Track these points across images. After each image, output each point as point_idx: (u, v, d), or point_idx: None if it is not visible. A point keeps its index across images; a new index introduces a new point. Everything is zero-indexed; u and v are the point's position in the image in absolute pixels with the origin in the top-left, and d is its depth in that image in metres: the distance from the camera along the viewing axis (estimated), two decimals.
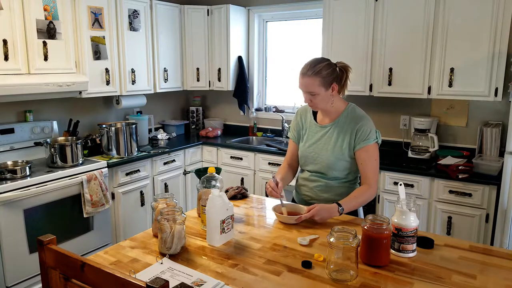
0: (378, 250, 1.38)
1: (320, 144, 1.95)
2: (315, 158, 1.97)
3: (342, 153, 1.90)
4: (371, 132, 1.87)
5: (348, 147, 1.89)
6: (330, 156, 1.91)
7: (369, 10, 3.19)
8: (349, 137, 1.89)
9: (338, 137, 1.91)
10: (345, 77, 1.93)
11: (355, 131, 1.88)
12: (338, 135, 1.91)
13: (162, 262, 1.40)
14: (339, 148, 1.90)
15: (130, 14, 3.46)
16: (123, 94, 3.51)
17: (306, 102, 1.89)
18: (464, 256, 1.47)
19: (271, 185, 1.89)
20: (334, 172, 1.93)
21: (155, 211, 1.63)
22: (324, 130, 1.96)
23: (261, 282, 1.30)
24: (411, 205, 1.47)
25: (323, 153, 1.93)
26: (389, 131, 3.61)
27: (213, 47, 4.13)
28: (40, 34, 2.80)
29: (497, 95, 2.82)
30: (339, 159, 1.90)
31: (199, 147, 4.03)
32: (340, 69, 1.90)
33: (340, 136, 1.91)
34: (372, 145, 1.87)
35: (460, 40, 2.88)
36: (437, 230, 2.89)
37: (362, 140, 1.86)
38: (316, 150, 1.96)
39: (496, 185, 2.64)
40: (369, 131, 1.87)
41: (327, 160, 1.92)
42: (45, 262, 1.08)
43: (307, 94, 1.85)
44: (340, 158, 1.90)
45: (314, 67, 1.81)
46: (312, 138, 1.99)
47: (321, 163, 1.95)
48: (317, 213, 1.74)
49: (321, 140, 1.95)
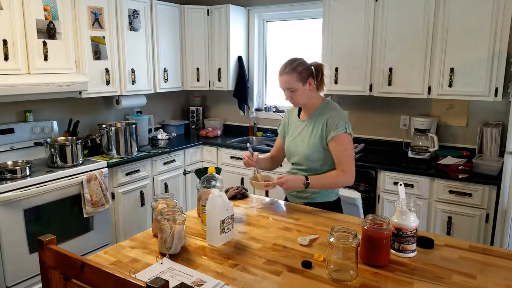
0: (378, 250, 1.38)
1: (300, 137, 2.10)
2: (295, 150, 2.11)
3: (316, 144, 2.02)
4: (340, 122, 1.97)
5: (321, 138, 2.01)
6: (306, 148, 2.05)
7: (369, 10, 3.19)
8: (321, 129, 2.02)
9: (313, 129, 2.05)
10: (320, 74, 2.07)
11: (326, 122, 2.00)
12: (313, 127, 2.05)
13: (162, 262, 1.40)
14: (313, 139, 2.03)
15: (130, 14, 3.46)
16: (123, 94, 3.51)
17: (288, 100, 2.03)
18: (464, 256, 1.47)
19: (247, 154, 2.08)
20: (310, 163, 2.05)
21: (155, 211, 1.63)
22: (303, 124, 2.11)
23: (261, 282, 1.30)
24: (411, 205, 1.47)
25: (301, 145, 2.08)
26: (389, 131, 3.61)
27: (213, 47, 4.13)
28: (40, 34, 2.80)
29: (497, 95, 2.82)
30: (314, 151, 2.02)
31: (199, 147, 4.03)
32: (315, 68, 2.06)
33: (315, 128, 2.04)
34: (342, 134, 1.97)
35: (460, 40, 2.88)
36: (437, 230, 2.89)
37: (331, 130, 1.97)
38: (296, 143, 2.11)
39: (496, 185, 2.64)
40: (338, 121, 1.97)
41: (304, 152, 2.05)
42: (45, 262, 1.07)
43: (287, 91, 2.01)
44: (315, 149, 2.02)
45: (291, 65, 1.99)
46: (294, 132, 2.15)
47: (299, 154, 2.08)
48: (285, 182, 1.94)
49: (301, 134, 2.10)
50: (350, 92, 3.44)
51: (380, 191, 3.09)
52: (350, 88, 3.41)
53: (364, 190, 3.19)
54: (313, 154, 2.02)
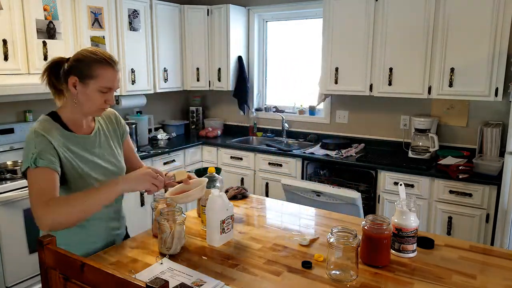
0: (378, 250, 1.38)
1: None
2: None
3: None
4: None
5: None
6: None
7: (369, 10, 3.19)
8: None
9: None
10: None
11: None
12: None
13: (162, 262, 1.40)
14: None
15: (130, 14, 3.46)
16: (123, 94, 3.50)
17: (112, 104, 1.50)
18: (464, 256, 1.47)
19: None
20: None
21: (155, 211, 1.63)
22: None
23: (261, 282, 1.30)
24: (411, 205, 1.47)
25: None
26: (389, 131, 3.60)
27: (213, 47, 4.13)
28: (40, 34, 2.80)
29: (497, 95, 2.82)
30: None
31: (199, 147, 4.03)
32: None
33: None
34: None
35: (461, 39, 2.88)
36: (437, 230, 2.89)
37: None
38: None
39: (496, 185, 2.64)
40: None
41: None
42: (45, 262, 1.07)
43: (113, 92, 1.49)
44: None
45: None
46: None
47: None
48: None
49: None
50: (350, 92, 3.44)
51: (380, 191, 3.09)
52: (350, 88, 3.41)
53: (364, 190, 3.19)
54: None
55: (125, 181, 1.38)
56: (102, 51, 1.48)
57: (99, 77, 1.43)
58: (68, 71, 1.45)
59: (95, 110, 1.49)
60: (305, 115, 4.08)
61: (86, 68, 1.42)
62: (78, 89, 1.43)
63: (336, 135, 3.86)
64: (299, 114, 4.11)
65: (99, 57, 1.44)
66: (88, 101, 1.45)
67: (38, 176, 1.35)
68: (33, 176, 1.35)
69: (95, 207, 1.35)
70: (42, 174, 1.35)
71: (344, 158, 3.30)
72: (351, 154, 3.39)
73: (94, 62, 1.43)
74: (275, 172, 3.60)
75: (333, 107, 3.87)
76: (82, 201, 1.32)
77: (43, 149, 1.36)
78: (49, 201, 1.30)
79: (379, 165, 3.08)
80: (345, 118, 3.81)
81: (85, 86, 1.43)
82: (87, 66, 1.42)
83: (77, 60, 1.45)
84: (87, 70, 1.42)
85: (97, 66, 1.43)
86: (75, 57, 1.46)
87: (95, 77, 1.42)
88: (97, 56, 1.44)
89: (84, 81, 1.43)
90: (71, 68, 1.44)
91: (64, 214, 1.29)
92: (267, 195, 3.64)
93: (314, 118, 4.02)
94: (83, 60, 1.44)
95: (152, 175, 1.40)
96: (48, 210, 1.28)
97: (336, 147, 3.53)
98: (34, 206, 1.32)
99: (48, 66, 1.50)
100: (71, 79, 1.43)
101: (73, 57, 1.47)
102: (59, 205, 1.30)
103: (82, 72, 1.42)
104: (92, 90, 1.43)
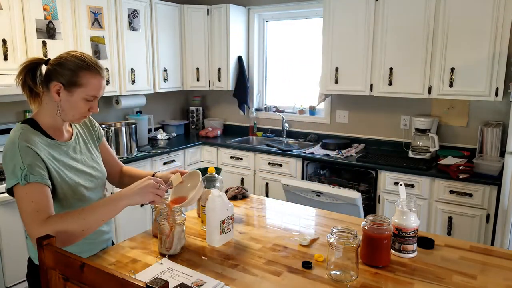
0: (378, 251, 1.38)
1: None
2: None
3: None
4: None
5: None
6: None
7: (370, 10, 3.19)
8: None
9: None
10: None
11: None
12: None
13: (162, 262, 1.40)
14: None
15: (129, 14, 3.46)
16: (122, 94, 3.50)
17: (96, 112, 1.44)
18: (464, 257, 1.46)
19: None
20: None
21: (155, 211, 1.62)
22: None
23: (261, 282, 1.29)
24: (412, 205, 1.47)
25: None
26: (390, 131, 3.60)
27: (213, 47, 4.12)
28: (40, 34, 2.79)
29: (497, 95, 2.82)
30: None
31: (199, 147, 4.03)
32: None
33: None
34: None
35: (461, 39, 2.88)
36: (438, 230, 2.89)
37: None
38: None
39: (496, 185, 2.64)
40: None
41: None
42: (45, 263, 1.07)
43: (97, 100, 1.42)
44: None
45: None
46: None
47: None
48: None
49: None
50: (350, 92, 3.44)
51: (380, 191, 3.09)
52: (350, 88, 3.41)
53: (364, 190, 3.19)
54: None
55: (129, 195, 1.34)
56: (89, 57, 1.39)
57: (86, 85, 1.34)
58: (49, 75, 1.35)
59: (78, 118, 1.41)
60: (305, 115, 4.08)
61: (72, 75, 1.33)
62: (61, 96, 1.34)
63: (336, 135, 3.86)
64: (299, 114, 4.11)
65: (87, 64, 1.35)
66: (72, 109, 1.37)
67: (31, 193, 1.25)
68: (25, 193, 1.25)
69: (97, 224, 1.30)
70: (34, 190, 1.26)
71: (344, 158, 3.29)
72: (351, 154, 3.39)
73: (82, 69, 1.34)
74: (275, 172, 3.60)
75: (333, 107, 3.87)
76: (83, 219, 1.27)
77: (32, 163, 1.27)
78: (47, 220, 1.24)
79: (379, 165, 3.07)
80: (345, 118, 3.81)
81: (70, 93, 1.34)
82: (73, 73, 1.33)
83: (60, 65, 1.34)
84: (74, 77, 1.33)
85: (85, 73, 1.34)
86: (58, 61, 1.35)
87: (82, 85, 1.33)
88: (85, 63, 1.35)
89: (69, 89, 1.33)
90: (53, 72, 1.34)
91: (64, 233, 1.22)
92: (267, 195, 3.64)
93: (314, 118, 4.01)
94: (68, 65, 1.33)
95: (154, 185, 1.36)
96: (47, 229, 1.21)
97: (336, 147, 3.53)
98: (29, 225, 1.24)
99: (24, 67, 1.36)
100: (55, 86, 1.33)
101: (56, 61, 1.36)
102: (59, 224, 1.24)
103: (67, 79, 1.32)
104: (77, 98, 1.35)
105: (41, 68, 1.38)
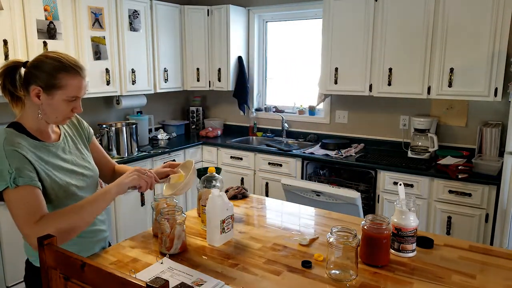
0: (378, 250, 1.39)
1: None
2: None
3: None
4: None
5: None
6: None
7: (369, 10, 3.20)
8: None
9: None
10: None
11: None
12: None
13: (162, 262, 1.40)
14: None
15: (130, 15, 3.46)
16: (123, 94, 3.51)
17: (80, 111, 1.43)
18: (463, 256, 1.47)
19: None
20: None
21: (155, 211, 1.63)
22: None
23: (261, 282, 1.30)
24: (411, 205, 1.47)
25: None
26: (389, 131, 3.61)
27: (213, 47, 4.13)
28: (41, 34, 2.80)
29: (496, 95, 2.82)
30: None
31: (199, 147, 4.03)
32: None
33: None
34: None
35: (460, 40, 2.89)
36: (437, 230, 2.89)
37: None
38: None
39: (495, 185, 2.65)
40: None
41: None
42: (45, 262, 1.08)
43: (79, 99, 1.41)
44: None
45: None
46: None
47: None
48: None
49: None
50: (349, 92, 3.45)
51: (379, 191, 3.10)
52: (349, 88, 3.42)
53: (364, 190, 3.19)
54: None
55: (117, 183, 1.37)
56: (66, 57, 1.34)
57: (65, 87, 1.31)
58: (28, 79, 1.32)
59: (62, 119, 1.40)
60: (305, 115, 4.09)
61: (50, 78, 1.29)
62: (42, 100, 1.31)
63: (336, 135, 3.86)
64: (299, 114, 4.12)
65: (65, 65, 1.31)
66: (54, 111, 1.34)
67: (22, 196, 1.25)
68: (16, 197, 1.25)
69: (89, 219, 1.32)
70: (25, 193, 1.25)
71: (343, 158, 3.30)
72: (351, 154, 3.39)
73: (59, 70, 1.30)
74: (275, 172, 3.60)
75: (332, 107, 3.88)
76: (75, 215, 1.28)
77: (19, 166, 1.25)
78: (40, 221, 1.24)
79: (378, 165, 3.08)
80: (345, 118, 3.82)
81: (50, 96, 1.31)
82: (51, 76, 1.29)
83: (37, 68, 1.31)
84: (52, 80, 1.29)
85: (63, 75, 1.30)
86: (34, 63, 1.32)
87: (61, 87, 1.31)
88: (62, 64, 1.31)
89: (49, 91, 1.30)
90: (31, 76, 1.31)
91: (57, 231, 1.20)
92: (267, 195, 3.65)
93: (314, 118, 4.02)
94: (45, 68, 1.30)
95: (141, 171, 1.40)
96: (40, 228, 1.21)
97: (335, 147, 3.53)
98: (22, 226, 1.25)
99: (2, 71, 1.33)
100: (34, 89, 1.30)
101: (33, 63, 1.32)
102: (51, 222, 1.24)
103: (46, 82, 1.29)
104: (58, 100, 1.32)
105: (20, 71, 1.35)
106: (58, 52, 1.37)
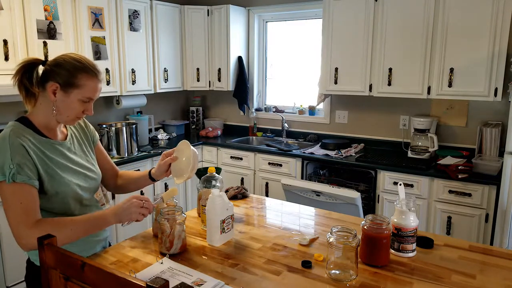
0: (378, 250, 1.39)
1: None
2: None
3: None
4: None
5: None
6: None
7: (369, 10, 3.20)
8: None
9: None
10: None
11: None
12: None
13: (162, 262, 1.40)
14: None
15: (130, 15, 3.46)
16: (123, 94, 3.51)
17: (91, 114, 1.44)
18: (463, 256, 1.47)
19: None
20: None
21: (155, 211, 1.63)
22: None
23: (261, 281, 1.30)
24: (411, 205, 1.47)
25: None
26: (389, 131, 3.61)
27: (213, 47, 4.13)
28: (41, 34, 2.80)
29: (496, 95, 2.82)
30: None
31: (199, 147, 4.03)
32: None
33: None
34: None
35: (460, 40, 2.89)
36: (437, 230, 2.89)
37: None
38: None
39: (495, 185, 2.65)
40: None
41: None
42: (45, 262, 1.08)
43: (92, 102, 1.44)
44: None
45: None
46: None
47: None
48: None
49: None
50: (349, 92, 3.45)
51: (379, 191, 3.10)
52: (349, 88, 3.42)
53: (364, 190, 3.19)
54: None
55: (115, 215, 1.39)
56: (87, 59, 1.40)
57: (83, 87, 1.35)
58: (46, 75, 1.36)
59: (72, 119, 1.42)
60: (305, 115, 4.09)
61: (70, 76, 1.34)
62: (57, 97, 1.35)
63: (336, 135, 3.87)
64: (299, 114, 4.12)
65: (85, 66, 1.37)
66: (67, 110, 1.38)
67: (17, 193, 1.27)
68: (11, 192, 1.26)
69: (82, 236, 1.36)
70: (21, 190, 1.27)
71: (343, 158, 3.30)
72: (351, 154, 3.39)
73: (79, 70, 1.35)
74: (275, 172, 3.61)
75: (332, 107, 3.88)
76: (70, 229, 1.31)
77: (21, 162, 1.27)
78: (35, 223, 1.27)
79: (378, 165, 3.08)
80: (345, 118, 3.82)
81: (66, 94, 1.35)
82: (71, 74, 1.34)
83: (59, 66, 1.35)
84: (71, 78, 1.34)
85: (83, 75, 1.35)
86: (56, 62, 1.36)
87: (79, 87, 1.35)
88: (83, 65, 1.36)
89: (66, 89, 1.35)
90: (51, 72, 1.35)
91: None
92: (267, 195, 3.65)
93: (314, 118, 4.02)
94: (66, 66, 1.35)
95: (138, 204, 1.40)
96: (34, 232, 1.24)
97: (335, 147, 3.53)
98: (15, 225, 1.26)
99: (21, 67, 1.37)
100: (51, 85, 1.34)
101: (54, 61, 1.37)
102: (47, 229, 1.25)
103: (64, 79, 1.34)
104: (73, 99, 1.36)
105: (38, 68, 1.39)
106: (80, 54, 1.43)
